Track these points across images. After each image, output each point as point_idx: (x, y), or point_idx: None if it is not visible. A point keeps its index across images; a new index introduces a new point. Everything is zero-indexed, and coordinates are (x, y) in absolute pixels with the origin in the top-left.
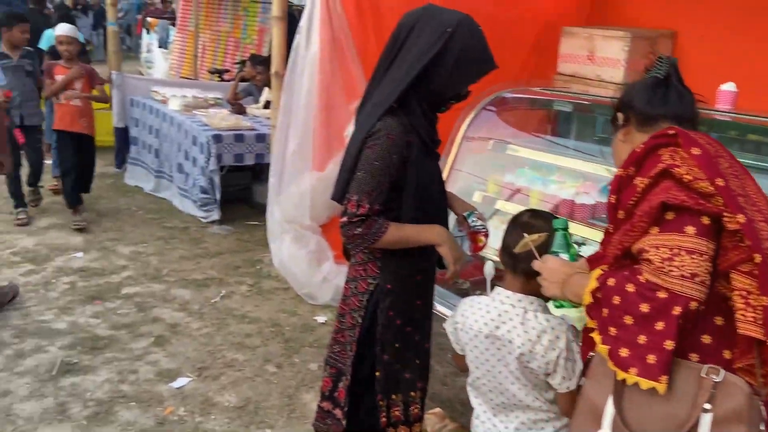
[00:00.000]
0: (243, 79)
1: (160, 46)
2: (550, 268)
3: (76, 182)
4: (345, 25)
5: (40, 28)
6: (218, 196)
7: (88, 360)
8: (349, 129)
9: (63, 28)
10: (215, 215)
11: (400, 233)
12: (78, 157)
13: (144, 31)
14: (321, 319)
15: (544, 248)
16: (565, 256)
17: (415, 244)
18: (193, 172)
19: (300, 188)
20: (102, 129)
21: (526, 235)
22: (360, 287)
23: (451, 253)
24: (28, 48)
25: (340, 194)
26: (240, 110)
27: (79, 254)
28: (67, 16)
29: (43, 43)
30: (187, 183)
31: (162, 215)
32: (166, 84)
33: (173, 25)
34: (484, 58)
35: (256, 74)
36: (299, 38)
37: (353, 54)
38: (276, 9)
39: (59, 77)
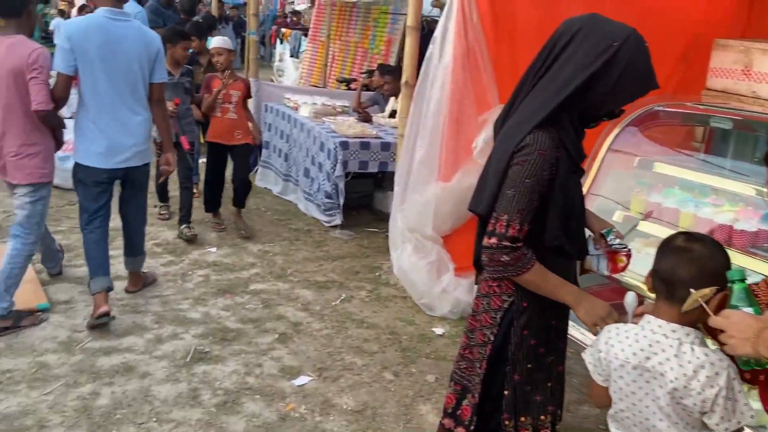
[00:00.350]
0: (366, 88)
1: (291, 56)
2: (736, 323)
3: (216, 191)
4: (480, 35)
5: None
6: (341, 201)
7: (218, 350)
8: (478, 140)
9: (217, 40)
10: (338, 220)
11: (542, 279)
12: (235, 167)
13: (278, 40)
14: (439, 330)
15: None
16: (748, 310)
17: (548, 296)
18: (318, 177)
19: (424, 198)
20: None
21: (693, 290)
22: (493, 303)
23: (588, 319)
24: (188, 65)
25: (486, 209)
26: (366, 118)
27: (213, 249)
28: (212, 27)
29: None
30: (312, 187)
31: (288, 217)
32: (297, 91)
33: (305, 35)
34: (648, 76)
35: (384, 83)
36: (433, 48)
37: (487, 65)
38: (411, 19)
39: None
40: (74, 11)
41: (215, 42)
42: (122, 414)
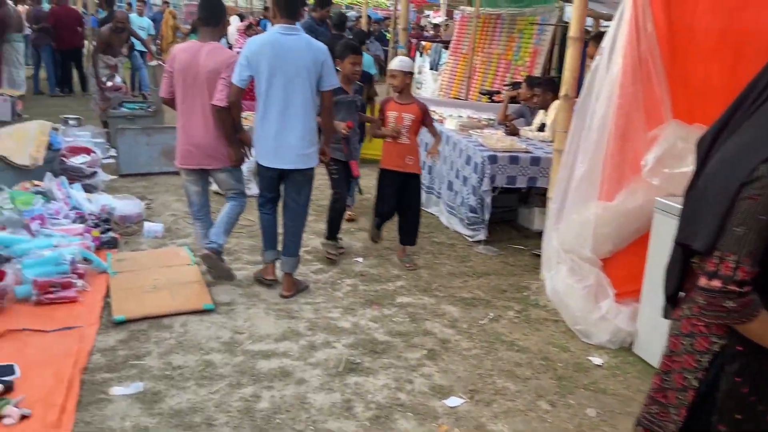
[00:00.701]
0: (512, 100)
1: (431, 68)
2: None
3: (386, 219)
4: (654, 46)
5: None
6: (487, 216)
7: (369, 362)
8: (648, 157)
9: (395, 62)
10: (482, 235)
11: (767, 330)
12: (401, 198)
13: (417, 53)
14: (597, 360)
15: None
16: None
17: None
18: (462, 190)
19: (583, 217)
20: (380, 144)
21: None
22: (698, 345)
23: None
24: (359, 82)
25: (705, 245)
26: (513, 132)
27: (360, 259)
28: (362, 42)
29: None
30: (455, 201)
31: (430, 230)
32: (440, 104)
33: (446, 48)
34: None
35: (533, 96)
36: (599, 59)
37: (660, 77)
38: (573, 29)
39: (391, 114)
40: (231, 29)
41: (392, 64)
42: (281, 419)
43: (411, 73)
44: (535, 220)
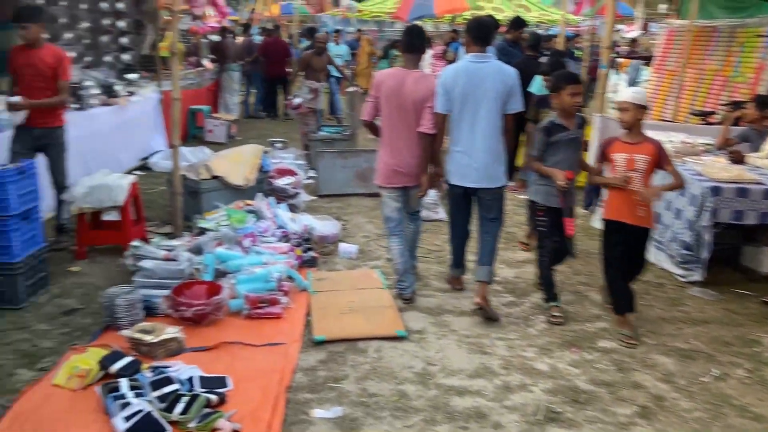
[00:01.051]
0: (735, 123)
1: (628, 87)
2: None
3: (625, 288)
4: None
5: (533, 73)
6: (705, 255)
7: (571, 413)
8: None
9: (626, 93)
10: (697, 276)
11: None
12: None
13: (613, 71)
14: None
15: None
16: None
17: None
18: (674, 224)
19: None
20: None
21: None
22: None
23: None
24: (581, 114)
25: None
26: (739, 159)
27: None
28: (559, 63)
29: (534, 88)
30: (664, 236)
31: None
32: (645, 126)
33: (646, 65)
34: None
35: (762, 117)
36: None
37: None
38: None
39: (619, 157)
40: (426, 56)
41: (623, 95)
42: None
43: (645, 108)
44: (765, 261)
